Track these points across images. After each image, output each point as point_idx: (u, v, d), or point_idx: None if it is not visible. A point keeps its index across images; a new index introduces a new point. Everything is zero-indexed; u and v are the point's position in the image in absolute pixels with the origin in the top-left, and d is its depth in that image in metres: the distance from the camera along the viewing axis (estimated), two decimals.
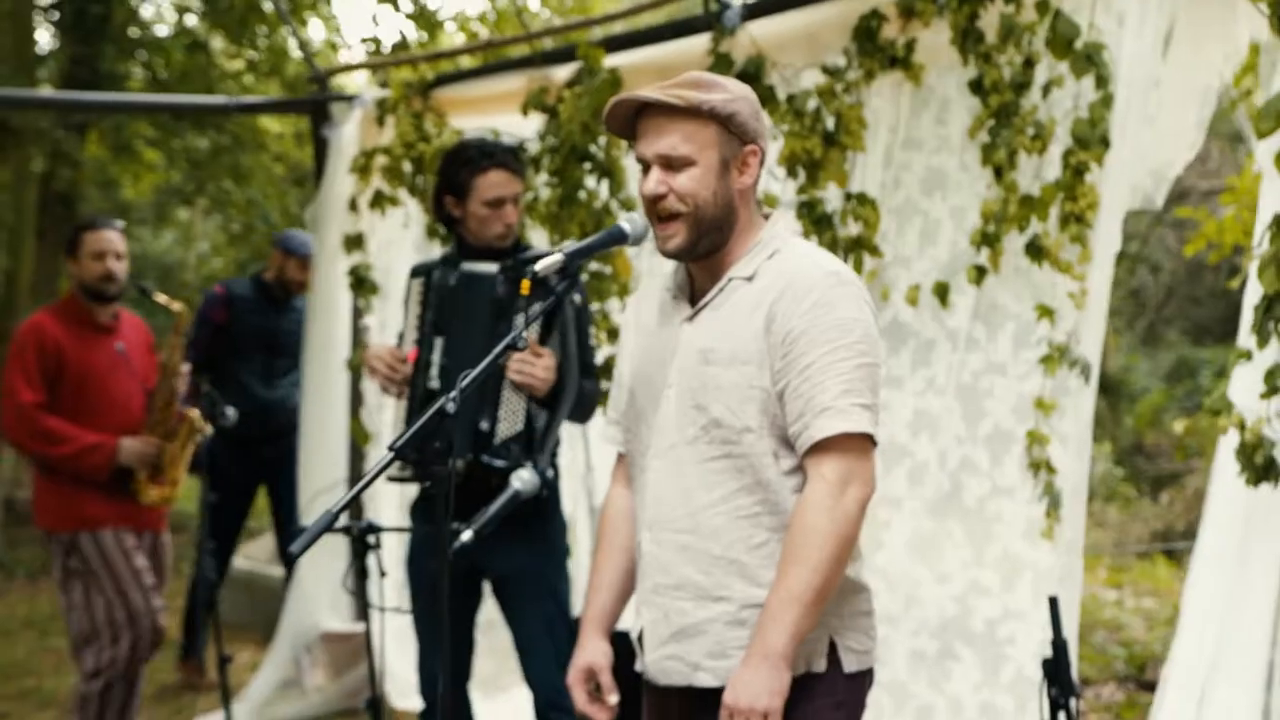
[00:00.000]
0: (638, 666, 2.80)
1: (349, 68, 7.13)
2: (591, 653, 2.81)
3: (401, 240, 6.19)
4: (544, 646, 4.03)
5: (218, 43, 12.18)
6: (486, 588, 4.19)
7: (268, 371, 6.44)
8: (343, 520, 2.55)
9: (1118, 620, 8.19)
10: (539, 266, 2.54)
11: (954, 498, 4.41)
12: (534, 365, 3.73)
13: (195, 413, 4.85)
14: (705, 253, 2.65)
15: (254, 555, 8.13)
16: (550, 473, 3.99)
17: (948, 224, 4.40)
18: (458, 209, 4.05)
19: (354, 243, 5.99)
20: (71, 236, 4.95)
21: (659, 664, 2.68)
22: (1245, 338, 3.51)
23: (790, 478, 2.57)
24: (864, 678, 2.66)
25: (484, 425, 3.82)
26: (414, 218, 6.00)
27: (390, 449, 2.40)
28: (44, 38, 11.92)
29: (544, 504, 3.94)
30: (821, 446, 2.50)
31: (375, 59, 6.26)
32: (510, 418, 3.83)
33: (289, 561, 6.48)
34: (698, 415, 2.59)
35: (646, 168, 2.63)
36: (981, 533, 4.33)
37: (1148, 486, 13.55)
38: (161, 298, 4.80)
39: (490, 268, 4.00)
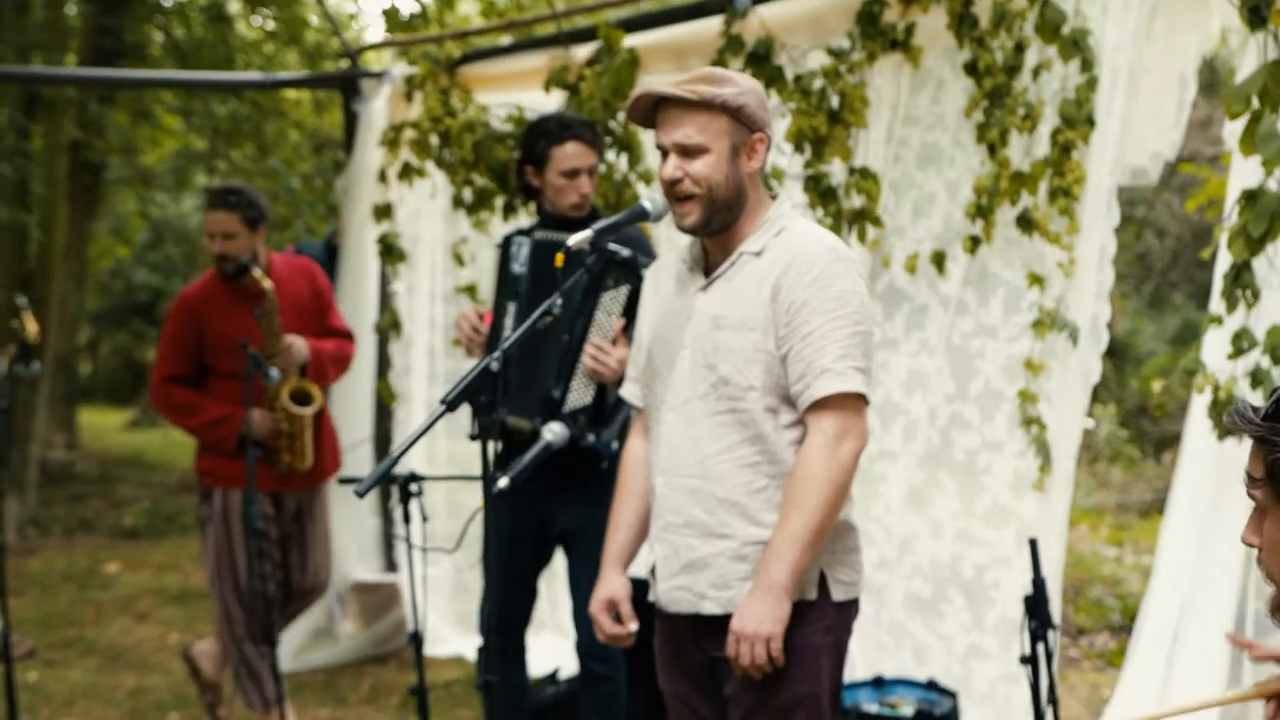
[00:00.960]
0: (651, 597, 3.10)
1: (379, 45, 7.33)
2: (612, 585, 3.12)
3: (429, 210, 6.44)
4: None
5: (235, 6, 12.30)
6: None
7: None
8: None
9: (1116, 575, 8.45)
10: (571, 242, 2.85)
11: (944, 452, 4.71)
12: (609, 355, 3.89)
13: (305, 384, 4.92)
14: (718, 229, 2.94)
15: None
16: (616, 445, 4.13)
17: (942, 197, 4.68)
18: (536, 179, 4.28)
19: (383, 212, 6.23)
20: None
21: (669, 594, 2.99)
22: (1216, 304, 3.79)
23: (787, 432, 2.87)
24: (850, 606, 2.96)
25: (555, 393, 3.98)
26: (441, 189, 6.22)
27: (442, 402, 2.70)
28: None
29: (600, 460, 4.12)
30: (820, 404, 2.80)
31: (405, 36, 6.45)
32: (581, 389, 3.99)
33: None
34: (708, 374, 2.89)
35: (665, 154, 2.92)
36: (971, 485, 4.64)
37: (1151, 447, 13.73)
38: (257, 273, 4.83)
39: (563, 237, 4.18)
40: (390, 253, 6.28)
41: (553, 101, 5.52)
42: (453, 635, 6.36)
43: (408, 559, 4.38)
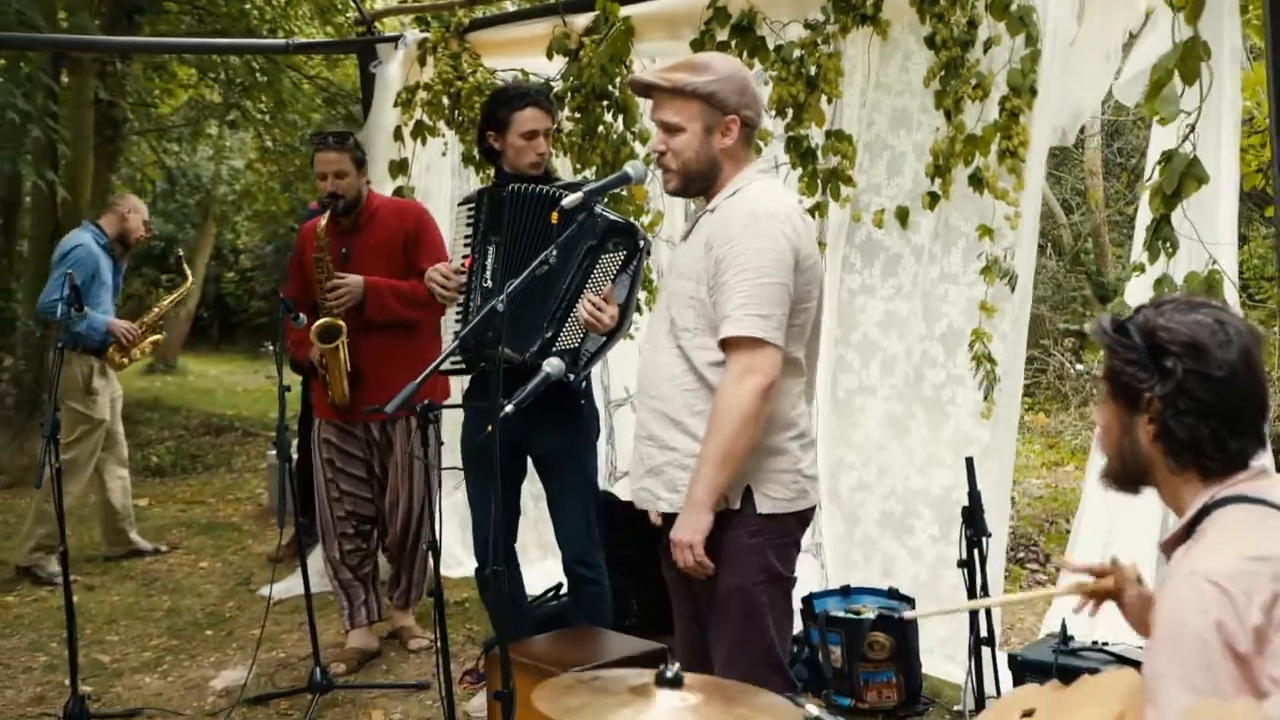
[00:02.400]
0: None
1: (391, 12, 7.70)
2: None
3: (441, 166, 6.85)
4: (574, 512, 4.68)
5: None
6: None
7: None
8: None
9: None
10: (565, 203, 3.33)
11: (916, 385, 5.17)
12: (603, 312, 4.16)
13: (334, 321, 5.23)
14: (696, 193, 3.44)
15: None
16: (584, 384, 4.61)
17: (911, 156, 5.10)
18: (497, 141, 4.69)
19: (398, 168, 6.64)
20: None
21: (638, 494, 3.51)
22: (1138, 253, 4.22)
23: (719, 368, 3.28)
24: (783, 520, 3.35)
25: (549, 334, 4.37)
26: (452, 146, 6.64)
27: (456, 336, 3.17)
28: None
29: (579, 398, 4.59)
30: (727, 345, 3.24)
31: (416, 4, 6.82)
32: (570, 334, 4.37)
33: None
34: (666, 314, 3.40)
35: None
36: (938, 415, 5.10)
37: None
38: (324, 218, 5.23)
39: (540, 187, 4.51)
40: None
41: (554, 67, 5.89)
42: (466, 557, 6.76)
43: (424, 481, 4.79)
